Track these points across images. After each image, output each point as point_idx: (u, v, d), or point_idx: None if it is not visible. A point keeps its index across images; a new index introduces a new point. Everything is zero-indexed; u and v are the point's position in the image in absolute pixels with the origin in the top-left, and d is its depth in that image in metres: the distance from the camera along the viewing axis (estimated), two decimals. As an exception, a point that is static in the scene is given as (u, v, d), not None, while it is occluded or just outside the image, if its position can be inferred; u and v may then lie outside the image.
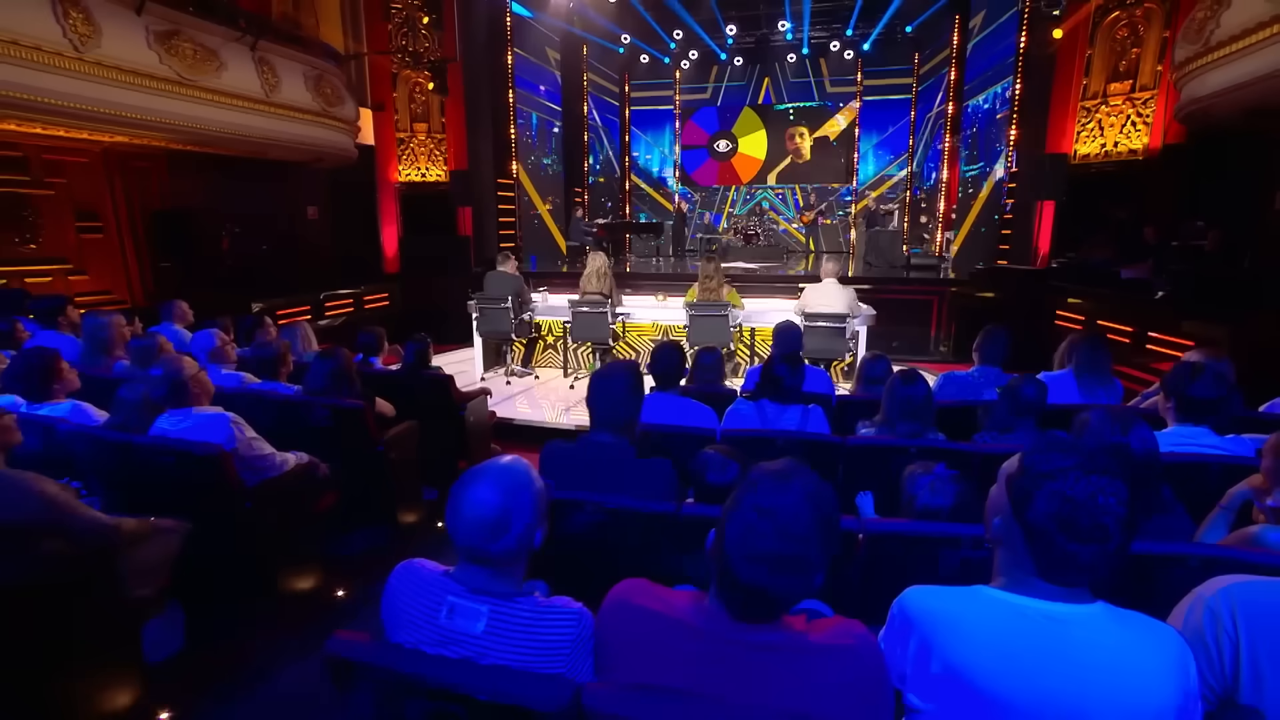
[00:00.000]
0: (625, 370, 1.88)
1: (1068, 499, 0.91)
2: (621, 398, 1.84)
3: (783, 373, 2.39)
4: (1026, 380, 2.20)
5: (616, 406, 1.85)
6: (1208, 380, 1.98)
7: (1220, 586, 1.04)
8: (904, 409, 2.21)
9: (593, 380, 1.88)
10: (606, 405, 1.86)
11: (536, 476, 1.18)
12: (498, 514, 1.08)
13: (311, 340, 4.15)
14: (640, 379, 1.90)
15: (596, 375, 1.89)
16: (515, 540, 1.10)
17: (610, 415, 1.85)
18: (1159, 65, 7.38)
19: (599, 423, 1.87)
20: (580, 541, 1.82)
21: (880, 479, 2.30)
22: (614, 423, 1.86)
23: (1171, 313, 5.60)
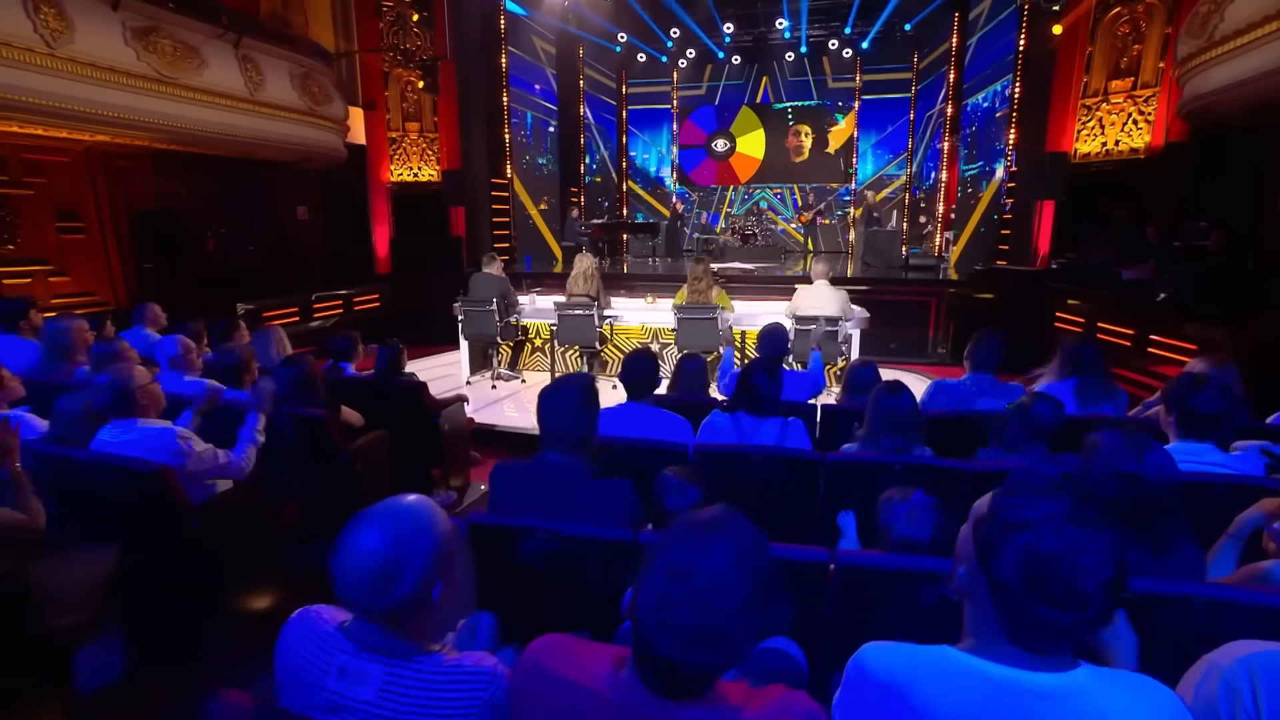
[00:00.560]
0: (575, 385, 1.74)
1: (1040, 556, 0.77)
2: (570, 415, 1.71)
3: (760, 382, 2.25)
4: (1040, 399, 2.05)
5: (565, 424, 1.72)
6: (1212, 393, 1.84)
7: (1238, 655, 0.90)
8: (888, 422, 2.08)
9: (541, 397, 1.75)
10: (555, 423, 1.72)
11: (441, 519, 1.05)
12: (384, 565, 0.95)
13: (285, 345, 4.01)
14: (593, 394, 1.77)
15: (545, 391, 1.75)
16: (406, 595, 0.96)
17: (560, 433, 1.72)
18: (1161, 62, 7.23)
19: (549, 441, 1.74)
20: (532, 570, 1.69)
21: (864, 497, 2.16)
22: (563, 441, 1.72)
23: (1173, 315, 5.46)
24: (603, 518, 1.66)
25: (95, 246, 7.19)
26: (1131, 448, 1.34)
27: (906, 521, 1.48)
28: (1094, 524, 0.77)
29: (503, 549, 1.73)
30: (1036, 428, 2.02)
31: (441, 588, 1.00)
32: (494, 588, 1.78)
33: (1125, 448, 1.35)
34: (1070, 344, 2.77)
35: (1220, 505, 1.79)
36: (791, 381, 3.04)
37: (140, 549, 2.13)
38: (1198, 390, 1.85)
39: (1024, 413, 2.04)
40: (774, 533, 2.25)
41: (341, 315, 8.80)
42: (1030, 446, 2.04)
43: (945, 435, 2.68)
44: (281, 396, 2.95)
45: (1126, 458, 1.33)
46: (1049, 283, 7.13)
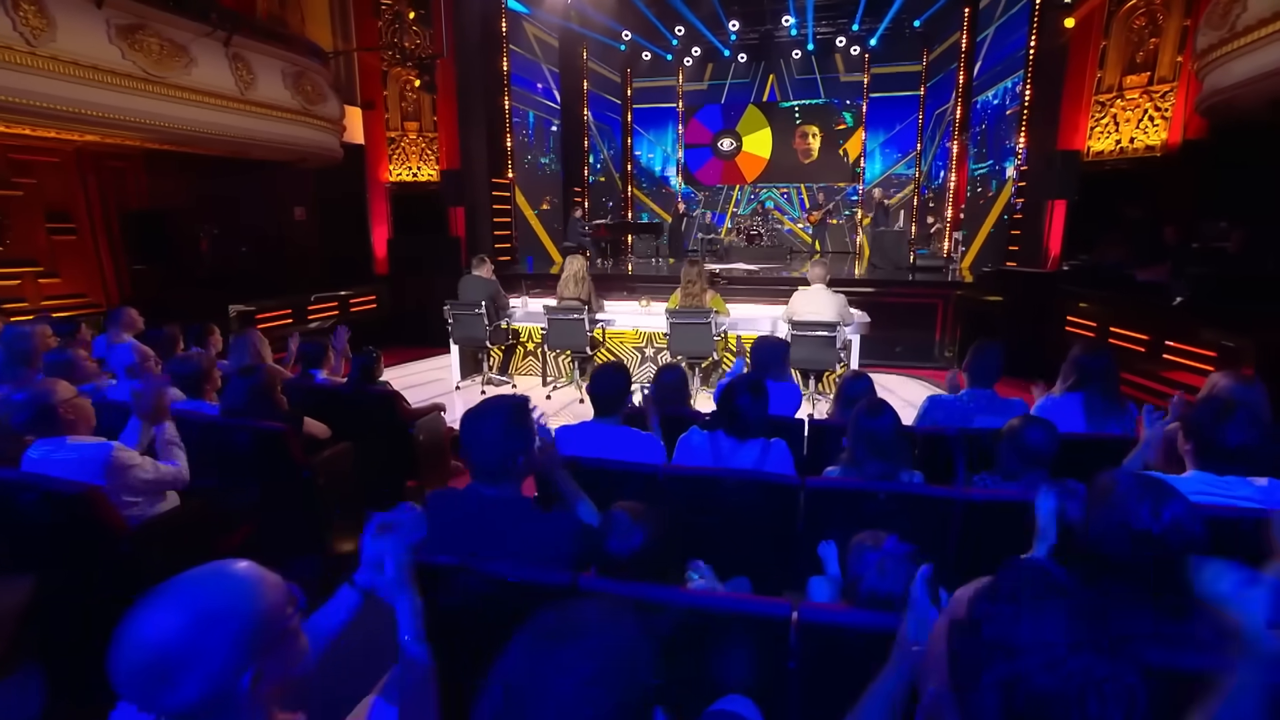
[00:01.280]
0: (499, 407, 1.57)
1: (1030, 697, 0.58)
2: (494, 441, 1.54)
3: (743, 404, 2.07)
4: (1030, 423, 1.85)
5: (488, 454, 1.55)
6: (1240, 423, 1.63)
7: None
8: (871, 446, 1.89)
9: (462, 423, 1.58)
10: (478, 454, 1.55)
11: (266, 591, 0.87)
12: (163, 658, 0.77)
13: (264, 351, 3.87)
14: (522, 414, 1.59)
15: (465, 417, 1.58)
16: (195, 698, 0.78)
17: (484, 464, 1.55)
18: (1179, 56, 6.95)
19: (477, 472, 1.57)
20: (464, 616, 1.52)
21: (847, 526, 1.98)
22: (489, 473, 1.55)
23: (1190, 319, 5.21)
24: (542, 556, 1.49)
25: (86, 248, 7.11)
26: (1148, 496, 1.14)
27: (877, 573, 1.29)
28: (1102, 655, 0.57)
29: (432, 589, 1.56)
30: (1028, 454, 1.83)
31: (254, 674, 0.82)
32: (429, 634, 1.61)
33: (1141, 494, 1.15)
34: (1079, 354, 2.57)
35: (1249, 545, 1.59)
36: (780, 395, 2.85)
37: (64, 576, 1.99)
38: (1223, 420, 1.64)
39: (1014, 438, 1.85)
40: (752, 564, 2.08)
41: (337, 317, 8.69)
42: (1028, 473, 1.85)
43: (941, 455, 2.49)
44: (236, 409, 2.81)
45: (1141, 504, 1.14)
46: (1060, 285, 6.88)
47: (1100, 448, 2.28)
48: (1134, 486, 1.17)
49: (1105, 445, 2.26)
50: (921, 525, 1.90)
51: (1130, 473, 1.25)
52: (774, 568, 2.00)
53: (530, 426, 1.61)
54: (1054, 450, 1.84)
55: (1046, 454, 1.83)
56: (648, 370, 6.00)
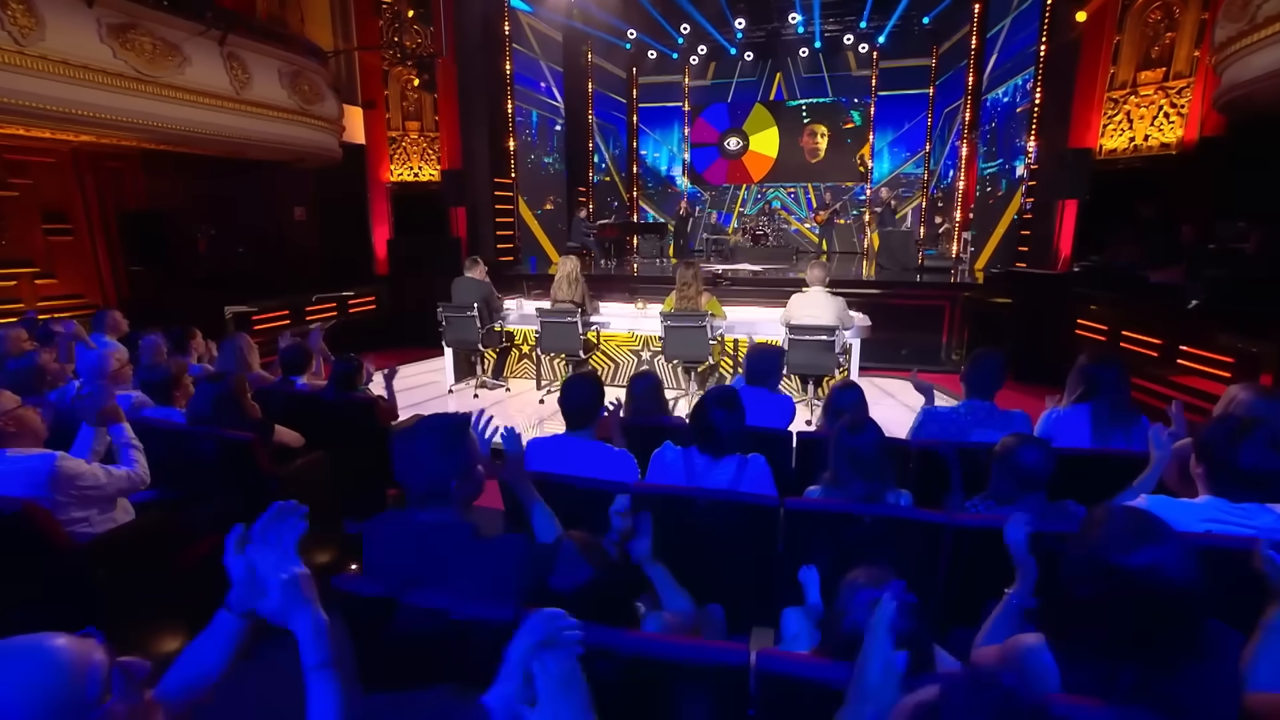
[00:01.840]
0: (432, 428, 1.46)
1: None
2: (428, 463, 1.42)
3: (717, 419, 1.94)
4: (1024, 442, 1.71)
5: (423, 475, 1.43)
6: (1257, 444, 1.48)
7: None
8: (853, 465, 1.75)
9: (393, 444, 1.46)
10: (412, 475, 1.44)
11: (63, 682, 0.75)
12: None
13: (252, 358, 3.78)
14: (457, 434, 1.48)
15: (397, 437, 1.47)
16: None
17: (419, 487, 1.44)
18: (1196, 51, 6.73)
19: (411, 497, 1.45)
20: (405, 651, 1.41)
21: (829, 551, 1.85)
22: (426, 496, 1.44)
23: (1206, 323, 5.02)
24: (485, 586, 1.36)
25: (84, 248, 7.09)
26: (1129, 532, 0.99)
27: (866, 613, 1.15)
28: None
29: (372, 622, 1.45)
30: (1023, 476, 1.69)
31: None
32: (366, 666, 1.50)
33: (1121, 532, 1.00)
34: (1086, 362, 2.41)
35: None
36: (768, 405, 2.71)
37: (6, 597, 1.89)
38: (1239, 440, 1.49)
39: (1007, 458, 1.71)
40: (727, 590, 1.95)
41: (336, 318, 8.63)
42: (1023, 496, 1.71)
43: (938, 472, 2.35)
44: (202, 418, 2.71)
45: (1115, 545, 0.99)
46: (1070, 287, 6.68)
47: (1107, 466, 2.13)
48: (1119, 520, 1.02)
49: (1112, 463, 2.10)
50: (908, 551, 1.77)
51: (1124, 506, 1.11)
52: (750, 594, 1.87)
53: (469, 446, 1.49)
54: (1050, 471, 1.69)
55: (1042, 476, 1.69)
56: (644, 374, 5.88)
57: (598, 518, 2.03)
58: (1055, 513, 1.71)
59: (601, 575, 1.23)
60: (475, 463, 1.51)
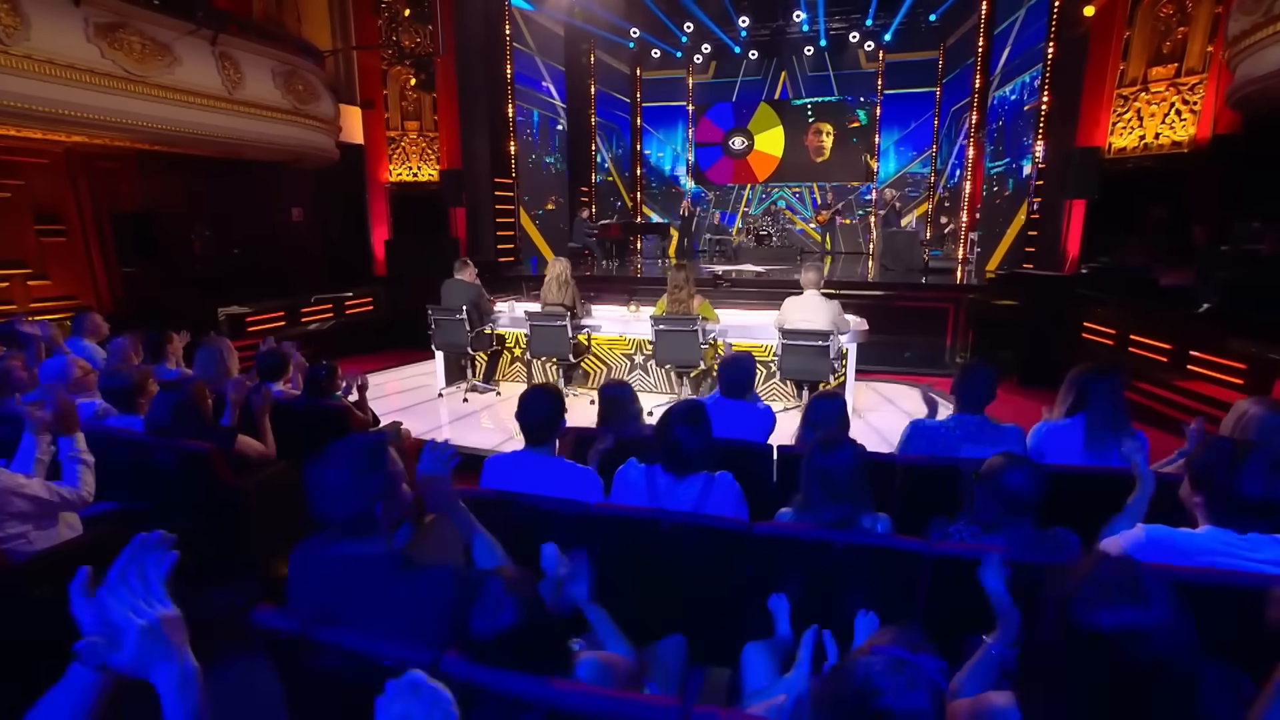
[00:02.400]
0: (346, 451, 1.35)
1: None
2: (343, 490, 1.31)
3: (681, 436, 1.81)
4: (1010, 463, 1.57)
5: (338, 503, 1.32)
6: (1259, 470, 1.34)
7: None
8: (825, 487, 1.62)
9: (305, 471, 1.35)
10: (326, 504, 1.32)
11: None
12: None
13: (231, 363, 3.68)
14: (375, 456, 1.37)
15: (309, 464, 1.36)
16: None
17: (334, 516, 1.33)
18: (1210, 46, 6.53)
19: (329, 527, 1.34)
20: (321, 695, 1.30)
21: (801, 578, 1.72)
22: (344, 525, 1.33)
23: (1218, 327, 4.84)
24: (410, 622, 1.25)
25: (77, 249, 7.05)
26: (1111, 590, 0.86)
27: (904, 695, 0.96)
28: None
29: (290, 661, 1.34)
30: (1009, 500, 1.55)
31: None
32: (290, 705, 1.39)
33: (1102, 589, 0.87)
34: (1079, 372, 2.26)
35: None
36: (746, 418, 2.58)
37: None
38: (1238, 466, 1.35)
39: (992, 481, 1.57)
40: (692, 618, 1.82)
41: (333, 319, 8.58)
42: (1010, 523, 1.57)
43: (925, 492, 2.22)
44: (162, 427, 2.62)
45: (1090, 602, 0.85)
46: (1077, 289, 6.50)
47: (1097, 485, 1.99)
48: (1102, 573, 0.89)
49: (1102, 482, 1.96)
50: (884, 581, 1.64)
51: (1115, 556, 0.97)
52: (716, 624, 1.75)
53: (389, 468, 1.38)
54: (1038, 495, 1.56)
55: (1030, 500, 1.55)
56: (636, 378, 5.76)
57: (560, 540, 1.91)
58: (1043, 542, 1.58)
59: (526, 618, 1.11)
60: (399, 482, 1.40)
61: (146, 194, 7.46)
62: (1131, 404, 5.32)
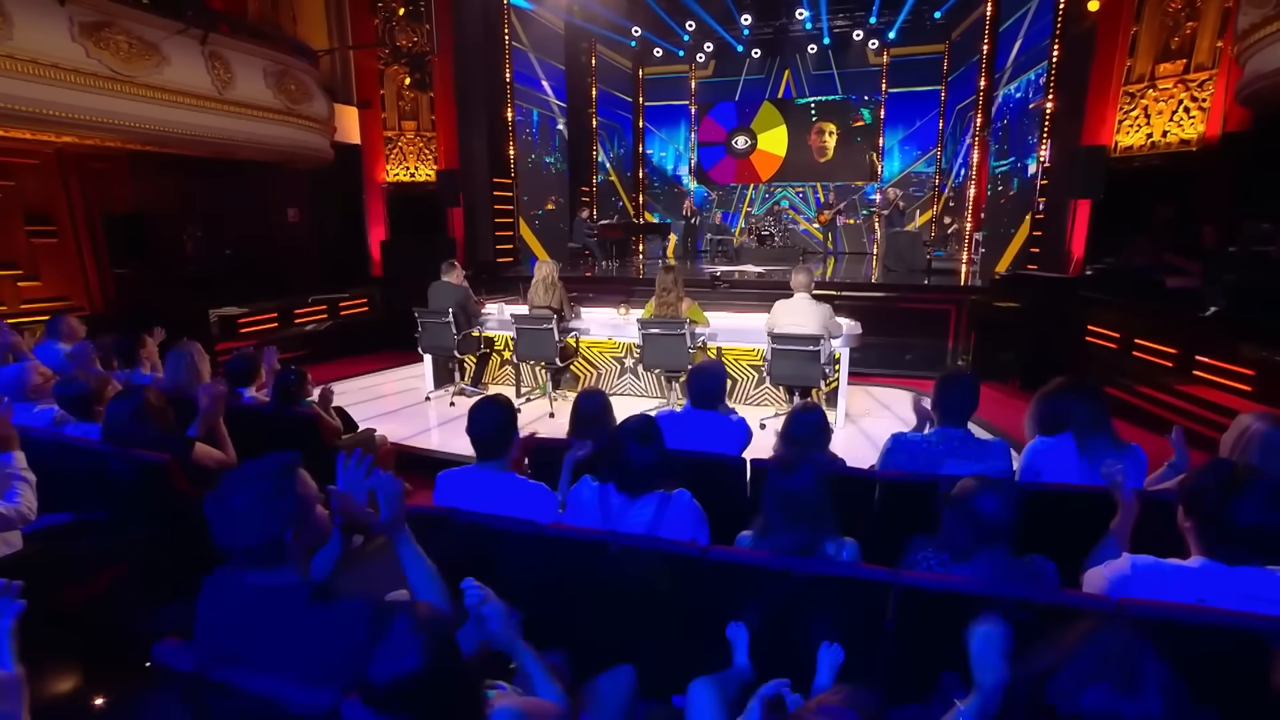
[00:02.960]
0: (252, 475, 1.24)
1: None
2: (246, 517, 1.21)
3: (633, 454, 1.70)
4: (983, 488, 1.45)
5: (244, 532, 1.21)
6: (1256, 497, 1.22)
7: None
8: (785, 510, 1.51)
9: (206, 501, 1.25)
10: (231, 534, 1.22)
11: None
12: None
13: (204, 367, 3.60)
14: (282, 476, 1.26)
15: (210, 494, 1.25)
16: None
17: (244, 546, 1.22)
18: (1219, 41, 6.35)
19: (234, 558, 1.24)
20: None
21: (761, 606, 1.61)
22: (251, 555, 1.22)
23: (1226, 332, 4.68)
24: (320, 663, 1.15)
25: (69, 250, 7.02)
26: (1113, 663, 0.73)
27: None
28: None
29: (192, 697, 1.24)
30: (981, 527, 1.43)
31: None
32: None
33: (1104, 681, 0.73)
34: (1053, 395, 2.11)
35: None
36: (718, 430, 2.47)
37: None
38: (1232, 492, 1.23)
39: (963, 505, 1.45)
40: (645, 647, 1.71)
41: (327, 320, 8.52)
42: (981, 551, 1.45)
43: (904, 510, 2.10)
44: (116, 436, 2.54)
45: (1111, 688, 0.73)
46: (1080, 291, 6.33)
47: (1095, 505, 1.86)
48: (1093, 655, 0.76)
49: (1097, 502, 1.83)
50: (849, 611, 1.52)
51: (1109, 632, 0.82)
52: (670, 653, 1.64)
53: (300, 490, 1.28)
54: (1013, 522, 1.44)
55: (1003, 527, 1.43)
56: (627, 382, 5.64)
57: (514, 561, 1.81)
58: (1017, 571, 1.46)
59: (431, 663, 1.00)
60: (312, 506, 1.30)
61: (139, 195, 7.42)
62: (1135, 410, 5.20)
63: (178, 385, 3.43)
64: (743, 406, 5.24)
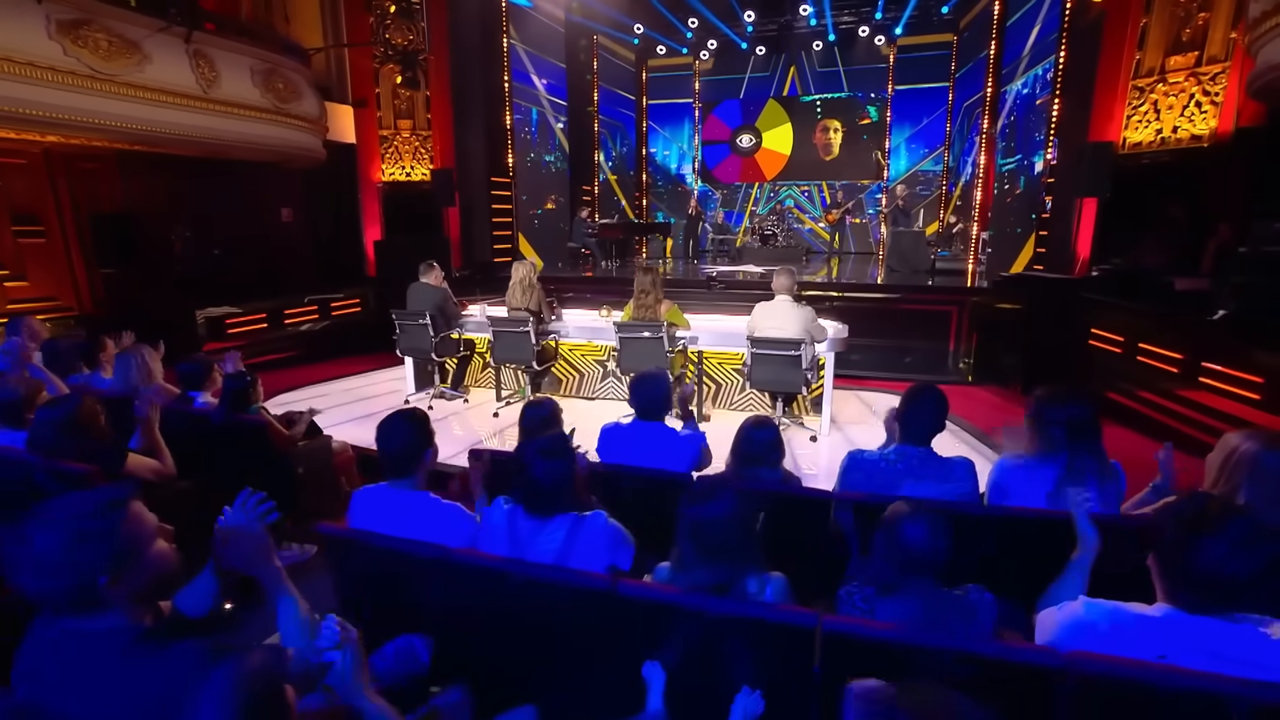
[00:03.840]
0: (55, 516, 1.09)
1: None
2: (54, 562, 1.06)
3: (539, 473, 1.55)
4: (909, 515, 1.29)
5: (52, 579, 1.07)
6: (1225, 542, 1.04)
7: None
8: (699, 544, 1.36)
9: (3, 533, 1.11)
10: (37, 582, 1.08)
11: None
12: None
13: (153, 371, 3.51)
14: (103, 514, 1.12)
15: (6, 537, 1.11)
16: None
17: (53, 594, 1.08)
18: (1233, 32, 6.07)
19: (47, 604, 1.11)
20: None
21: (678, 646, 1.45)
22: (64, 602, 1.09)
23: (1235, 337, 4.44)
24: (136, 713, 1.01)
25: (56, 250, 6.99)
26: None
27: None
28: None
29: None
30: (907, 557, 1.27)
31: None
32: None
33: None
34: (1044, 403, 1.92)
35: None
36: (666, 444, 2.31)
37: None
38: (1199, 534, 1.05)
39: (890, 532, 1.30)
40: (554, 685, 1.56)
41: (319, 321, 8.45)
42: (909, 583, 1.29)
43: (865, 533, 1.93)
44: (45, 447, 2.43)
45: None
46: (1084, 292, 6.10)
47: (1061, 532, 1.68)
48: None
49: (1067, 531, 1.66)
50: (771, 657, 1.36)
51: None
52: (578, 694, 1.49)
53: (128, 530, 1.14)
54: (941, 553, 1.28)
55: (930, 559, 1.28)
56: (610, 386, 5.49)
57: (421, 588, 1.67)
58: (951, 606, 1.29)
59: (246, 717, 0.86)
60: (144, 544, 1.16)
61: (128, 195, 7.38)
62: (1138, 416, 4.98)
63: (129, 389, 3.34)
64: (727, 412, 5.08)
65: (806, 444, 4.33)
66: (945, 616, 1.27)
